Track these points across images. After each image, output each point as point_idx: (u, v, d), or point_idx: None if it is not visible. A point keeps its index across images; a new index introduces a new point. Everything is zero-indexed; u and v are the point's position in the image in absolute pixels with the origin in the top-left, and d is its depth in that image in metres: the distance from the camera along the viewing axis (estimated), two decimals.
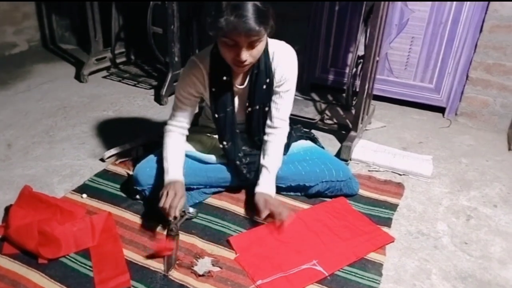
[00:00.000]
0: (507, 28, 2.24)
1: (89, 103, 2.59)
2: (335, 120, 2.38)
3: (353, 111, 2.19)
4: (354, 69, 2.34)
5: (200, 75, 1.48)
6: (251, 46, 1.28)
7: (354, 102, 2.36)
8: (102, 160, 1.94)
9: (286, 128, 1.60)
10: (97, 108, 2.53)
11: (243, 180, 1.65)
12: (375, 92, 2.37)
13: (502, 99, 2.38)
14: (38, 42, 3.62)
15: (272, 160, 1.57)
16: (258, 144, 1.65)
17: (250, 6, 1.19)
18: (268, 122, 1.58)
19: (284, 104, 1.56)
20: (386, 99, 2.69)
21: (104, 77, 3.02)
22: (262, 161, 1.58)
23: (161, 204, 1.38)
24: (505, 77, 2.33)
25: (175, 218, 1.37)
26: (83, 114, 2.44)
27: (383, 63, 2.60)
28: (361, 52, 2.21)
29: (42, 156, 1.98)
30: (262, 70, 1.46)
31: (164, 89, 2.60)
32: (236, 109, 1.55)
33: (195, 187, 1.63)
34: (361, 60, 2.24)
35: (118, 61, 3.14)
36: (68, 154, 2.00)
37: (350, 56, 2.61)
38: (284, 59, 1.50)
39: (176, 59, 2.66)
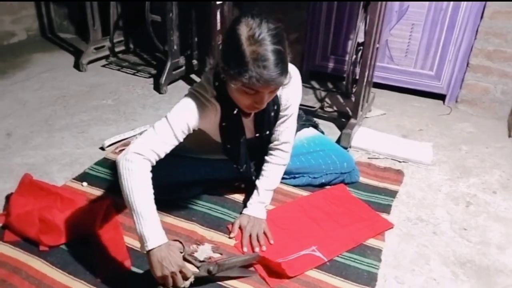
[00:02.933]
0: (508, 14, 2.22)
1: (88, 92, 2.58)
2: (335, 108, 2.38)
3: (353, 99, 2.18)
4: (354, 56, 2.32)
5: (213, 110, 1.32)
6: (271, 92, 1.20)
7: (354, 90, 2.35)
8: (102, 148, 1.94)
9: (289, 150, 1.53)
10: (96, 97, 2.52)
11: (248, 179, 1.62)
12: (375, 80, 2.36)
13: (502, 86, 2.37)
14: (37, 31, 3.60)
15: (266, 182, 1.52)
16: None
17: (273, 56, 1.08)
18: (272, 144, 1.51)
19: (289, 127, 1.48)
20: (386, 86, 2.68)
21: (103, 66, 3.00)
22: (257, 181, 1.53)
23: (179, 283, 1.12)
24: (505, 64, 2.32)
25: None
26: (82, 103, 2.43)
27: (384, 50, 2.58)
28: (361, 39, 2.20)
29: (42, 145, 1.98)
30: (270, 100, 1.34)
31: (163, 78, 2.59)
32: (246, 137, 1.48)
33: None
34: (361, 47, 2.22)
35: (117, 49, 3.11)
36: (67, 142, 2.00)
37: (350, 43, 2.59)
38: (291, 84, 1.37)
39: (175, 47, 2.65)
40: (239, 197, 1.63)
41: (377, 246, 1.42)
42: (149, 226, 1.10)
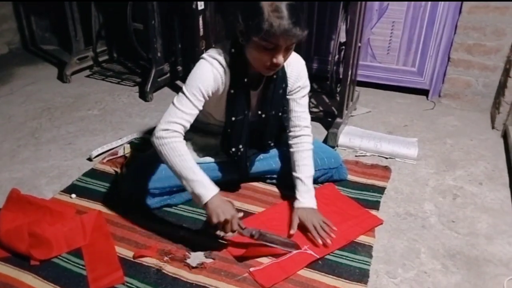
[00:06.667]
0: (486, 8, 2.26)
1: (74, 103, 2.57)
2: (320, 108, 2.40)
3: (338, 98, 2.21)
4: (337, 56, 2.35)
5: (223, 75, 1.36)
6: (287, 49, 1.25)
7: (338, 89, 2.38)
8: (89, 159, 1.94)
9: (310, 134, 1.56)
10: (82, 107, 2.51)
11: (243, 176, 1.64)
12: (359, 78, 2.39)
13: (484, 79, 2.41)
14: (18, 44, 3.57)
15: (305, 169, 1.54)
16: (267, 148, 1.65)
17: (289, 8, 1.17)
18: (292, 133, 1.55)
19: (303, 111, 1.53)
20: (371, 84, 2.71)
21: (87, 76, 2.99)
22: (295, 174, 1.54)
23: (235, 227, 1.30)
24: (485, 57, 2.36)
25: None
26: (68, 114, 2.42)
27: (366, 49, 2.61)
28: (343, 38, 2.22)
29: (29, 158, 1.96)
30: (280, 76, 1.44)
31: (148, 86, 2.59)
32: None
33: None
34: (343, 47, 2.25)
35: (100, 59, 3.11)
36: (54, 155, 1.99)
37: (332, 43, 2.61)
38: (297, 67, 1.48)
39: (159, 54, 2.65)
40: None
41: (367, 243, 1.43)
42: (198, 185, 1.27)
